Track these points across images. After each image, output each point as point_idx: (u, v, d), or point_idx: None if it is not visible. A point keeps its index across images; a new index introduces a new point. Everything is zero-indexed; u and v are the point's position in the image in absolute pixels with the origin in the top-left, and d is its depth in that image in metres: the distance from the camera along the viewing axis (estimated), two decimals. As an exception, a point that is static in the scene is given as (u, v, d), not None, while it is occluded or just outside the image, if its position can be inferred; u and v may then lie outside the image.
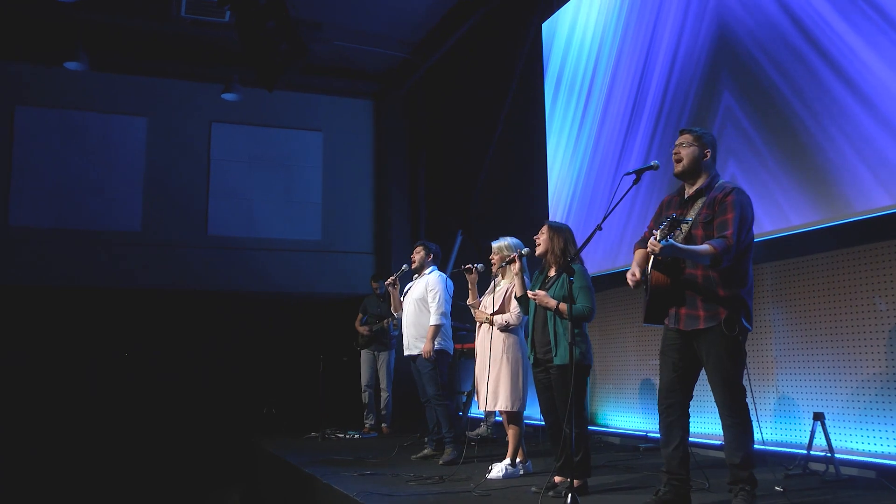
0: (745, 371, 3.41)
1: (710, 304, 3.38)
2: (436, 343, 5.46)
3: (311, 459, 5.68)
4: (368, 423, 7.74)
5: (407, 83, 10.52)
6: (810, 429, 4.34)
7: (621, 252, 6.41)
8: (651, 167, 3.65)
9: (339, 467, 5.24)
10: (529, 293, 4.25)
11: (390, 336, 7.83)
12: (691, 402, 3.55)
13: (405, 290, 5.82)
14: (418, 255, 5.74)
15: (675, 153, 3.57)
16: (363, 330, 7.80)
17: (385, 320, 7.65)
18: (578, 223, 7.09)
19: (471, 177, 9.51)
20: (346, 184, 11.07)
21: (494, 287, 5.04)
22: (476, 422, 7.61)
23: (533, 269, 4.73)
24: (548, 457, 5.46)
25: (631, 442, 6.25)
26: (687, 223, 3.32)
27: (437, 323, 5.48)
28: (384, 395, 7.78)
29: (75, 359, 10.01)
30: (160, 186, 10.20)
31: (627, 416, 6.61)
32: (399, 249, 10.84)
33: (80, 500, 6.72)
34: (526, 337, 4.40)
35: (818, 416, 4.27)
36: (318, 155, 10.97)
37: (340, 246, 10.91)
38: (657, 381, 6.23)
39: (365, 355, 7.81)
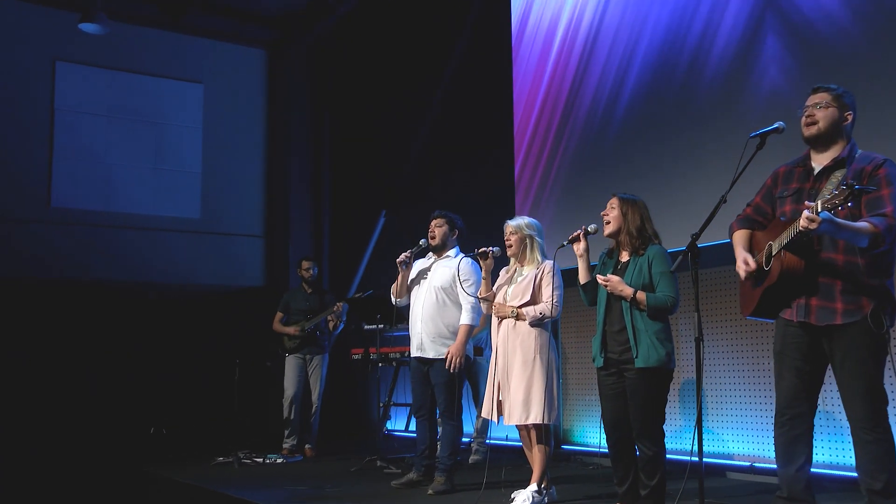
0: (891, 376, 3.26)
1: (851, 295, 3.21)
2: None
3: (264, 493, 4.97)
4: (289, 444, 7.03)
5: (314, 29, 9.77)
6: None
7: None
8: (775, 130, 3.46)
9: (314, 501, 4.61)
10: (600, 278, 3.90)
11: (325, 335, 7.16)
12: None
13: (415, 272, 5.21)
14: (439, 229, 5.08)
15: (809, 115, 3.38)
16: (292, 330, 7.04)
17: (336, 305, 6.94)
18: (556, 197, 6.83)
19: (400, 145, 8.98)
20: (233, 150, 10.09)
21: (514, 275, 4.65)
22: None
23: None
24: (563, 482, 5.15)
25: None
26: (869, 192, 3.07)
27: (473, 323, 4.96)
28: (312, 408, 7.10)
29: None
30: (-18, 142, 8.78)
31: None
32: (298, 231, 10.09)
33: None
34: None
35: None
36: (198, 112, 9.91)
37: (225, 227, 9.96)
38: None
39: (292, 361, 7.04)
